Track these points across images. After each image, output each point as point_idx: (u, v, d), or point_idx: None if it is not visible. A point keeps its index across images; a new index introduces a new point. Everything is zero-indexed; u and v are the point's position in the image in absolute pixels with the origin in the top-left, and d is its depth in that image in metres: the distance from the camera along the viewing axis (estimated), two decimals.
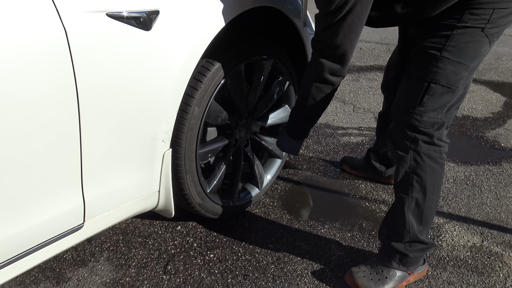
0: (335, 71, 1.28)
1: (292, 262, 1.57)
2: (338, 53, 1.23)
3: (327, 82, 1.31)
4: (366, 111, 2.95)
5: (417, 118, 1.29)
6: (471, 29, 1.23)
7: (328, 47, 1.24)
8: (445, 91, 1.27)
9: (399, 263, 1.43)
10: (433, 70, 1.26)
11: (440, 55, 1.24)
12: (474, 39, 1.24)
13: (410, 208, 1.37)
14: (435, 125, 1.30)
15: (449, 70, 1.25)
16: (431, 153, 1.33)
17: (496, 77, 3.80)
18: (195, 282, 1.47)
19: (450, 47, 1.24)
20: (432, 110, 1.28)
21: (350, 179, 2.13)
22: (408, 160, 1.34)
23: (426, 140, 1.31)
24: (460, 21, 1.22)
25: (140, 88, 1.15)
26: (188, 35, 1.22)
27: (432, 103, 1.28)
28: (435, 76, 1.25)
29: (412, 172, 1.34)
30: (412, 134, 1.31)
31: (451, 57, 1.24)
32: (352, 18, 1.16)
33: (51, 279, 1.45)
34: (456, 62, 1.24)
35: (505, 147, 2.52)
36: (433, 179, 1.35)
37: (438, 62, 1.25)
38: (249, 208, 1.86)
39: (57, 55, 0.95)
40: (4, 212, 0.98)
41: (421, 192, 1.35)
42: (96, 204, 1.19)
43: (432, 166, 1.33)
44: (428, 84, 1.26)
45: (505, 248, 1.68)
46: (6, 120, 0.91)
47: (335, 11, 1.14)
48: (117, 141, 1.17)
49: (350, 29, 1.18)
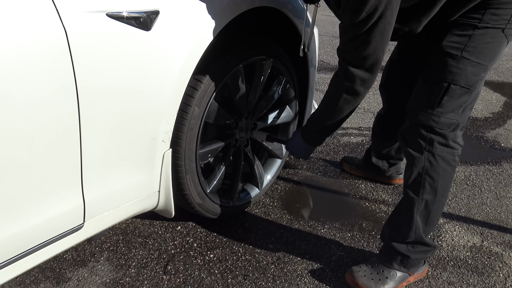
0: (367, 81, 1.25)
1: (292, 262, 1.57)
2: (370, 62, 1.20)
3: (357, 94, 1.28)
4: (366, 111, 2.95)
5: (434, 119, 1.27)
6: (492, 30, 1.22)
7: (359, 57, 1.19)
8: (463, 92, 1.26)
9: (400, 265, 1.43)
10: (453, 70, 1.24)
11: (460, 56, 1.23)
12: (494, 40, 1.23)
13: (419, 209, 1.36)
14: (451, 126, 1.29)
15: (469, 71, 1.23)
16: (445, 155, 1.32)
17: (496, 77, 3.80)
18: (195, 282, 1.47)
19: (470, 47, 1.22)
20: (449, 111, 1.27)
21: (350, 179, 2.13)
22: (422, 161, 1.32)
23: (441, 141, 1.30)
24: (481, 21, 1.21)
25: (140, 88, 1.15)
26: (188, 35, 1.22)
27: (451, 104, 1.26)
28: (455, 77, 1.24)
29: (425, 173, 1.33)
30: (428, 135, 1.30)
31: (471, 58, 1.23)
32: (384, 24, 1.12)
33: (51, 279, 1.45)
34: (476, 63, 1.23)
35: (505, 147, 2.52)
36: (445, 182, 1.34)
37: (458, 62, 1.23)
38: (249, 208, 1.86)
39: (57, 55, 0.94)
40: (4, 212, 0.98)
41: (432, 194, 1.34)
42: (96, 204, 1.18)
43: (445, 169, 1.32)
44: (448, 85, 1.25)
45: (505, 248, 1.68)
46: (6, 120, 0.91)
47: (366, 19, 1.10)
48: (117, 141, 1.17)
49: (382, 35, 1.14)
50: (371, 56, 1.18)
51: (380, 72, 1.87)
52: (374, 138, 2.00)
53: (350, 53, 1.21)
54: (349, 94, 1.28)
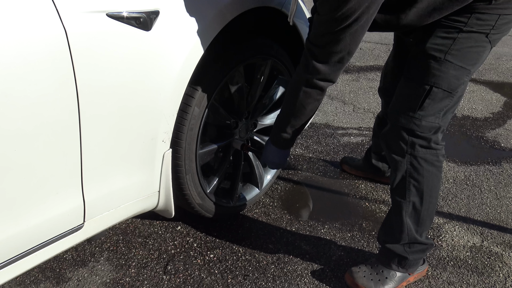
0: (327, 76, 1.23)
1: (292, 262, 1.57)
2: (334, 59, 1.19)
3: (317, 87, 1.26)
4: (366, 111, 2.95)
5: (416, 123, 1.27)
6: (476, 34, 1.22)
7: (325, 52, 1.19)
8: (445, 96, 1.25)
9: (398, 266, 1.43)
10: (435, 73, 1.24)
11: (443, 59, 1.22)
12: (478, 44, 1.23)
13: (407, 211, 1.36)
14: (432, 130, 1.29)
15: (451, 74, 1.23)
16: (428, 157, 1.32)
17: (496, 77, 3.80)
18: (195, 282, 1.47)
19: (454, 50, 1.22)
20: (431, 114, 1.27)
21: (350, 179, 2.13)
22: (405, 164, 1.33)
23: (423, 144, 1.30)
24: (466, 25, 1.21)
25: (140, 88, 1.15)
26: (188, 35, 1.22)
27: (432, 107, 1.26)
28: (437, 80, 1.24)
29: (409, 176, 1.33)
30: (409, 138, 1.30)
31: (454, 61, 1.22)
32: (356, 27, 1.12)
33: (51, 279, 1.45)
34: (459, 66, 1.23)
35: (505, 147, 2.52)
36: (430, 182, 1.34)
37: (441, 65, 1.23)
38: (249, 208, 1.86)
39: (57, 55, 0.95)
40: (4, 212, 0.98)
41: (418, 196, 1.35)
42: (96, 204, 1.18)
43: (429, 170, 1.33)
44: (430, 88, 1.24)
45: (505, 248, 1.68)
46: (6, 120, 0.91)
47: (341, 19, 1.10)
48: (117, 141, 1.17)
49: (352, 37, 1.14)
50: (336, 54, 1.17)
51: (381, 72, 1.86)
52: (374, 140, 2.00)
53: (317, 46, 1.20)
54: (308, 86, 1.26)
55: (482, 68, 3.98)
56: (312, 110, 1.34)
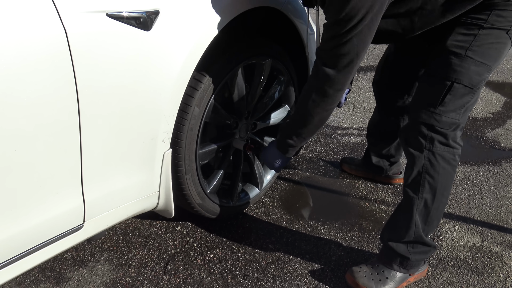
0: (337, 83, 1.22)
1: (292, 262, 1.57)
2: (343, 64, 1.18)
3: (327, 96, 1.25)
4: (366, 111, 2.95)
5: (436, 118, 1.28)
6: (497, 31, 1.23)
7: (333, 55, 1.19)
8: (466, 92, 1.26)
9: (400, 266, 1.43)
10: (456, 69, 1.25)
11: (464, 55, 1.24)
12: (498, 41, 1.24)
13: (418, 208, 1.36)
14: (452, 126, 1.29)
15: (472, 70, 1.24)
16: (445, 154, 1.32)
17: (496, 77, 3.80)
18: (195, 282, 1.47)
19: (475, 47, 1.23)
20: (451, 110, 1.28)
21: (350, 179, 2.13)
22: (422, 159, 1.33)
23: (442, 140, 1.30)
24: (486, 22, 1.22)
25: (140, 88, 1.15)
26: (188, 35, 1.22)
27: (453, 103, 1.27)
28: (458, 75, 1.25)
29: (425, 172, 1.33)
30: (429, 133, 1.30)
31: (475, 57, 1.23)
32: (362, 27, 1.12)
33: (51, 279, 1.45)
34: (480, 62, 1.24)
35: (505, 147, 2.52)
36: (445, 181, 1.34)
37: (462, 61, 1.24)
38: (249, 208, 1.86)
39: (57, 55, 0.95)
40: (4, 212, 0.98)
41: (431, 193, 1.35)
42: (96, 204, 1.19)
43: (445, 168, 1.33)
44: (451, 84, 1.25)
45: (505, 248, 1.68)
46: (6, 120, 0.91)
47: (346, 20, 1.10)
48: (117, 141, 1.17)
49: (359, 39, 1.14)
50: (344, 57, 1.17)
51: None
52: (370, 139, 2.00)
53: (326, 51, 1.20)
54: (318, 94, 1.26)
55: None
56: (321, 121, 1.33)
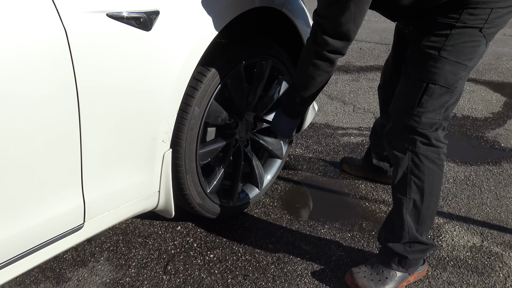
0: (336, 48, 1.24)
1: (292, 262, 1.57)
2: (341, 31, 1.20)
3: (326, 59, 1.27)
4: (366, 111, 2.95)
5: (415, 119, 1.29)
6: (469, 29, 1.23)
7: (332, 23, 1.19)
8: (443, 92, 1.27)
9: (398, 265, 1.43)
10: (431, 70, 1.25)
11: (438, 55, 1.24)
12: (472, 39, 1.24)
13: (408, 209, 1.37)
14: (433, 126, 1.30)
15: (447, 70, 1.25)
16: (429, 154, 1.32)
17: (496, 77, 3.80)
18: (195, 282, 1.47)
19: (448, 46, 1.24)
20: (430, 111, 1.28)
21: (350, 179, 2.13)
22: (406, 161, 1.33)
23: (424, 141, 1.31)
24: (458, 21, 1.22)
25: (140, 88, 1.15)
26: (188, 35, 1.22)
27: (431, 103, 1.27)
28: (433, 76, 1.25)
29: (410, 173, 1.34)
30: (410, 135, 1.31)
31: (449, 57, 1.24)
32: None
33: (51, 279, 1.45)
34: (454, 62, 1.24)
35: (505, 147, 2.52)
36: (431, 180, 1.35)
37: (436, 62, 1.25)
38: (249, 208, 1.86)
39: (57, 55, 0.95)
40: (4, 212, 0.98)
41: (419, 193, 1.35)
42: (96, 205, 1.19)
43: (430, 167, 1.33)
44: (427, 85, 1.26)
45: (505, 248, 1.68)
46: (7, 120, 0.91)
47: None
48: (117, 141, 1.17)
49: (356, 6, 1.15)
50: (343, 25, 1.18)
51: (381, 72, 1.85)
52: (373, 139, 2.00)
53: (324, 17, 1.21)
54: (317, 58, 1.27)
55: (482, 68, 3.98)
56: (322, 82, 1.35)
